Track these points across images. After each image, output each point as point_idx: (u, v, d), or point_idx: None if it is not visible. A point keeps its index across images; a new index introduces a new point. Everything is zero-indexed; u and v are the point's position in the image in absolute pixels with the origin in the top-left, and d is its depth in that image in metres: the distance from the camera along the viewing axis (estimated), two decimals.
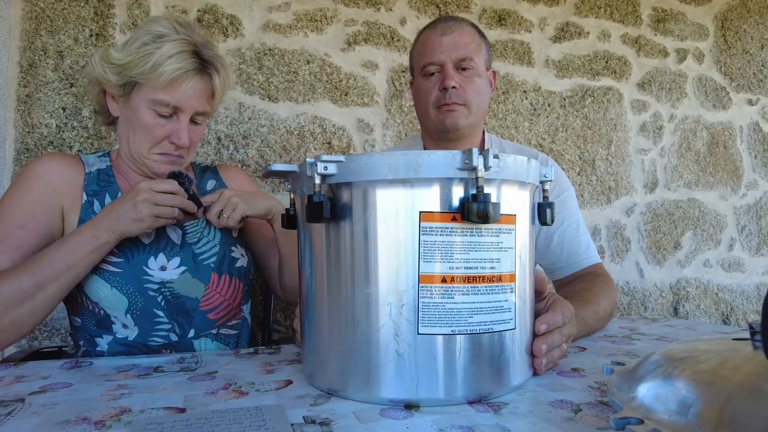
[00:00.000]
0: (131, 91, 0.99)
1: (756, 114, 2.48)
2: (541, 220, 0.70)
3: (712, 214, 2.39)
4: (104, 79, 0.99)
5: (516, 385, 0.65)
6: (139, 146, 1.01)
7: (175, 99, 0.98)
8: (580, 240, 1.20)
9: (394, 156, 0.58)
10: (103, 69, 0.99)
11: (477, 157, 0.57)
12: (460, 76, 1.14)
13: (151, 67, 0.95)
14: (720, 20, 2.43)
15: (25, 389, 0.68)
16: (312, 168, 0.61)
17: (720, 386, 0.45)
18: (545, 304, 0.73)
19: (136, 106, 0.99)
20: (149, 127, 0.99)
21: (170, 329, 0.99)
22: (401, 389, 0.59)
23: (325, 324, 0.65)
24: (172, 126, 1.00)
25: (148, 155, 1.01)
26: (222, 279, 1.04)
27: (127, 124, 1.02)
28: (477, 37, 1.19)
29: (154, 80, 0.96)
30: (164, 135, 1.00)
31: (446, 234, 0.59)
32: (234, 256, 1.07)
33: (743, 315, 2.40)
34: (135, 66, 0.96)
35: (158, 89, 0.97)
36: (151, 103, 0.98)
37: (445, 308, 0.59)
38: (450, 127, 1.16)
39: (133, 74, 0.96)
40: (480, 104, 1.18)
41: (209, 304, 1.02)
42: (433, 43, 1.16)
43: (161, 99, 0.97)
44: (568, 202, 1.23)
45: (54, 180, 0.98)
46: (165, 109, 0.98)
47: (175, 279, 0.98)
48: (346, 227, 0.62)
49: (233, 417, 0.56)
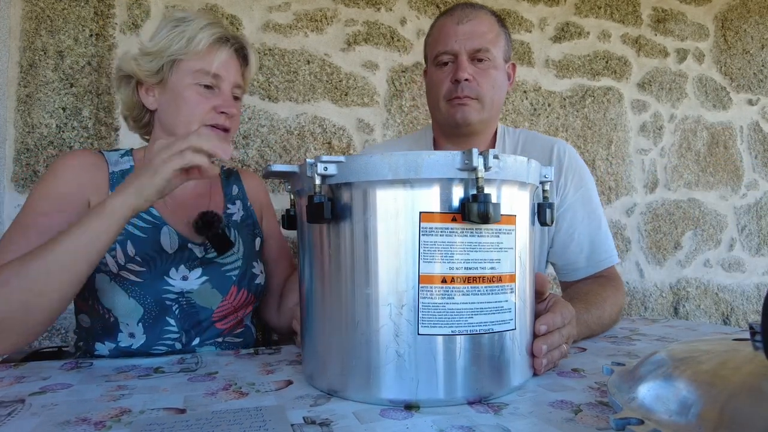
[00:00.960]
0: (169, 72, 1.00)
1: (756, 114, 2.48)
2: (540, 220, 0.70)
3: (712, 214, 2.39)
4: (139, 70, 1.00)
5: (516, 385, 0.65)
6: (186, 125, 0.99)
7: (215, 66, 0.99)
8: (602, 238, 1.12)
9: (394, 157, 0.58)
10: (137, 62, 1.00)
11: (477, 157, 0.57)
12: (474, 68, 1.08)
13: (187, 40, 0.97)
14: (720, 20, 2.43)
15: (25, 390, 0.68)
16: (312, 168, 0.61)
17: (720, 387, 0.45)
18: (545, 305, 0.73)
19: (176, 86, 0.99)
20: (194, 103, 0.99)
21: (177, 338, 0.98)
22: (401, 390, 0.59)
23: (326, 324, 0.65)
24: (216, 97, 1.00)
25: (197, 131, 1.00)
26: (240, 293, 1.03)
27: (169, 109, 1.01)
28: (496, 27, 1.12)
29: (192, 51, 0.98)
30: (211, 107, 0.99)
31: (446, 234, 0.59)
32: (254, 272, 1.07)
33: (743, 315, 2.40)
34: (170, 45, 0.98)
35: (197, 59, 0.98)
36: (192, 77, 0.98)
37: (445, 309, 0.59)
38: (461, 122, 1.09)
39: (170, 53, 0.98)
40: (494, 99, 1.11)
41: (221, 314, 1.02)
42: (447, 31, 1.09)
43: (201, 68, 0.98)
44: (589, 196, 1.14)
45: (80, 175, 0.97)
46: (207, 79, 0.99)
47: (195, 289, 0.97)
48: (346, 228, 0.62)
49: (233, 418, 0.56)
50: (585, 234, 1.12)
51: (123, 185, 0.80)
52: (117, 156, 1.05)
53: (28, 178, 1.59)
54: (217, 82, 1.00)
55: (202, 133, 0.80)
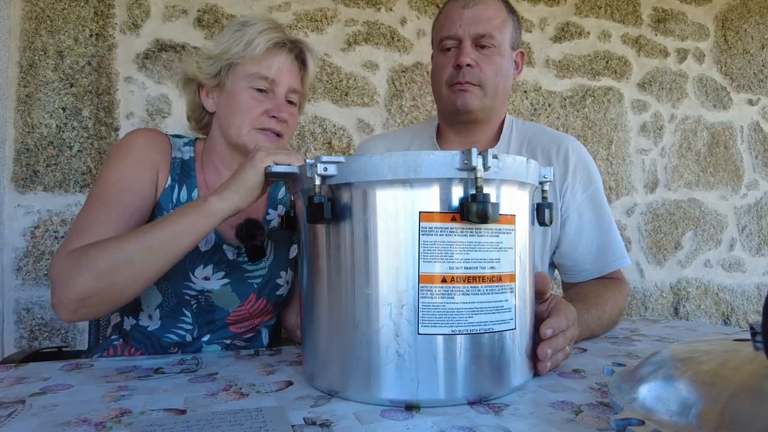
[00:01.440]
0: (227, 75, 1.01)
1: (756, 114, 2.48)
2: (539, 220, 0.70)
3: (712, 214, 2.39)
4: (200, 72, 1.01)
5: (517, 385, 0.65)
6: (238, 128, 1.00)
7: (271, 71, 1.00)
8: (611, 240, 1.09)
9: (393, 157, 0.59)
10: (198, 65, 1.02)
11: (476, 157, 0.57)
12: (477, 54, 1.05)
13: (245, 44, 0.98)
14: (720, 20, 2.43)
15: (25, 390, 0.68)
16: (312, 169, 0.61)
17: (721, 387, 0.45)
18: (547, 306, 0.73)
19: (233, 89, 1.00)
20: (248, 106, 0.99)
21: (190, 330, 1.00)
22: (402, 390, 0.59)
23: (326, 325, 0.65)
24: (269, 101, 1.01)
25: (248, 134, 1.00)
26: (258, 301, 1.04)
27: (224, 111, 1.02)
28: (503, 12, 1.09)
29: (248, 55, 0.99)
30: (263, 110, 1.00)
31: (446, 234, 0.59)
32: (279, 282, 1.06)
33: (744, 315, 2.40)
34: (229, 49, 0.99)
35: (253, 64, 0.99)
36: (247, 80, 0.99)
37: (446, 308, 0.59)
38: (461, 108, 1.07)
39: (229, 56, 0.99)
40: (498, 86, 1.08)
41: (236, 318, 1.03)
42: (452, 16, 1.07)
43: (257, 72, 0.99)
44: (598, 197, 1.12)
45: (150, 151, 0.99)
46: (262, 83, 1.00)
47: (215, 290, 0.99)
48: (346, 228, 0.62)
49: (234, 418, 0.56)
50: (593, 236, 1.10)
51: (223, 184, 0.82)
52: (181, 143, 1.06)
53: (28, 178, 1.59)
54: (271, 87, 1.01)
55: (270, 151, 0.80)
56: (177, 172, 1.01)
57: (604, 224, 1.11)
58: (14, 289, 1.58)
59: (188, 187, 1.02)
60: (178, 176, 1.01)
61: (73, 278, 0.79)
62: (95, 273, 0.78)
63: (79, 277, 0.78)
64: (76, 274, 0.79)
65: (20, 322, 1.58)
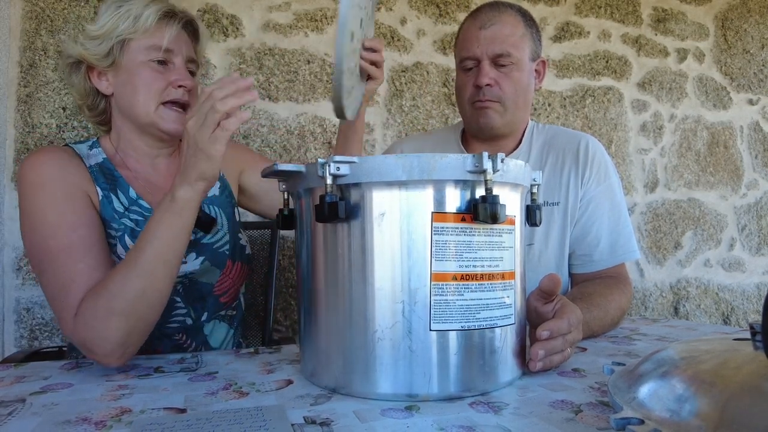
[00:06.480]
0: (119, 53, 0.99)
1: (756, 114, 2.48)
2: (530, 221, 0.74)
3: (712, 214, 2.39)
4: (88, 54, 0.98)
5: (518, 375, 0.69)
6: (144, 105, 0.98)
7: (166, 41, 0.98)
8: (622, 232, 1.13)
9: (408, 158, 0.61)
10: (84, 46, 0.99)
11: (486, 160, 0.60)
12: (496, 72, 1.10)
13: (134, 18, 0.97)
14: (720, 20, 2.43)
15: (25, 389, 0.68)
16: (324, 168, 0.61)
17: (721, 386, 0.45)
18: (553, 307, 0.73)
19: (130, 65, 0.98)
20: (149, 81, 0.98)
21: (186, 314, 1.01)
22: (412, 384, 0.61)
23: (332, 322, 0.65)
24: (171, 72, 1.00)
25: (156, 111, 0.98)
26: (235, 265, 1.07)
27: (125, 90, 1.00)
28: (520, 27, 1.12)
29: (140, 28, 0.97)
30: (166, 82, 0.99)
31: (457, 234, 0.62)
32: (242, 243, 1.10)
33: (744, 315, 2.40)
34: (117, 26, 0.97)
35: (147, 37, 0.98)
36: (145, 53, 0.98)
37: (456, 305, 0.62)
38: (483, 126, 1.13)
39: (118, 33, 0.97)
40: (518, 100, 1.13)
41: (222, 288, 1.05)
42: (470, 36, 1.12)
43: (153, 43, 0.98)
44: (612, 190, 1.16)
45: (66, 176, 0.93)
46: (159, 54, 0.98)
47: (197, 270, 1.00)
48: (357, 227, 0.63)
49: (234, 417, 0.56)
50: (605, 226, 1.13)
51: (183, 176, 0.79)
52: (86, 148, 1.02)
53: None
54: (170, 57, 1.00)
55: (224, 85, 0.76)
56: (102, 180, 0.97)
57: (616, 216, 1.15)
58: (14, 288, 1.58)
59: (122, 189, 0.98)
60: (105, 184, 0.98)
61: (102, 332, 0.76)
62: (119, 316, 0.76)
63: (108, 329, 0.76)
64: (103, 327, 0.76)
65: (20, 321, 1.58)
